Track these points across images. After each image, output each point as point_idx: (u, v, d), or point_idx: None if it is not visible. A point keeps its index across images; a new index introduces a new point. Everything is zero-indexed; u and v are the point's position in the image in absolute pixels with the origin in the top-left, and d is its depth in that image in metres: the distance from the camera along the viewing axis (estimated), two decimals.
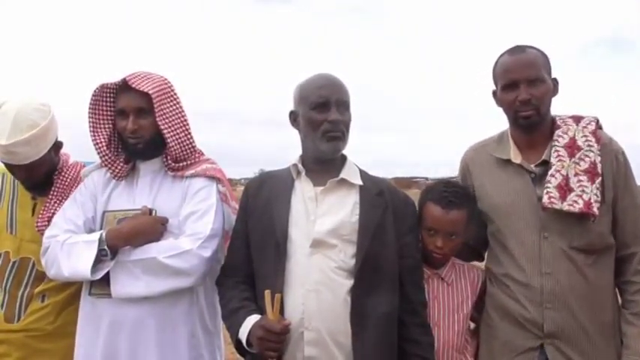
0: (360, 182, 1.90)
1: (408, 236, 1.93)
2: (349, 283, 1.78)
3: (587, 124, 1.99)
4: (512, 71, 1.97)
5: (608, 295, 1.97)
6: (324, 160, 1.91)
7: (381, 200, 1.90)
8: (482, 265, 2.21)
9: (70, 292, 2.16)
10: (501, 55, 2.04)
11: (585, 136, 1.96)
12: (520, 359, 1.96)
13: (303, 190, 1.89)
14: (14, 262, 2.17)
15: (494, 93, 2.08)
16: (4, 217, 2.21)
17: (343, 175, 1.90)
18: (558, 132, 1.99)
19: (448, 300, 2.06)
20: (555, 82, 2.01)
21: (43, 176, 2.20)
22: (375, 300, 1.80)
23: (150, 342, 1.98)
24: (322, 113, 1.87)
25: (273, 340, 1.70)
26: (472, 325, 2.17)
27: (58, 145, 2.24)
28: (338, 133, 1.88)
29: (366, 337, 1.77)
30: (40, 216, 2.16)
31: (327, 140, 1.87)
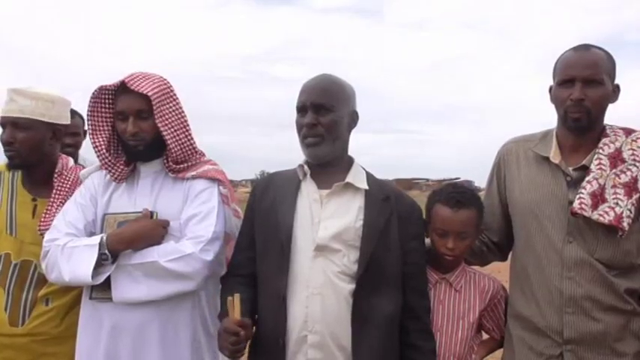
0: (366, 186, 1.88)
1: (413, 242, 1.91)
2: (351, 287, 1.77)
3: (638, 138, 1.92)
4: (571, 67, 1.89)
5: (630, 304, 1.89)
6: (324, 162, 1.89)
7: (387, 206, 1.87)
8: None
9: (74, 294, 2.14)
10: (565, 52, 1.97)
11: (633, 149, 1.89)
12: None
13: (309, 192, 1.88)
14: (16, 265, 2.15)
15: (550, 88, 2.00)
16: (4, 218, 2.20)
17: (349, 178, 1.87)
18: (605, 140, 1.91)
19: (454, 306, 2.03)
20: (617, 88, 1.94)
21: (37, 156, 2.19)
22: (377, 304, 1.79)
23: (152, 346, 1.96)
24: (301, 117, 1.88)
25: (224, 338, 1.70)
26: (485, 336, 2.14)
27: (56, 132, 2.25)
28: (313, 138, 1.85)
29: (366, 340, 1.76)
30: (43, 219, 2.15)
31: (305, 146, 1.88)
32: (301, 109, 1.88)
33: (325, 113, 1.85)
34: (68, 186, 2.22)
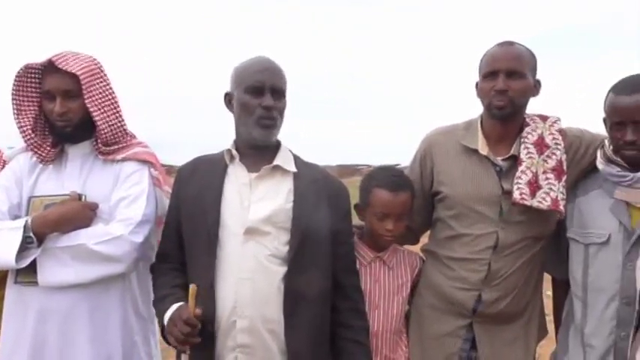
0: (294, 169, 1.89)
1: (342, 223, 1.94)
2: (283, 270, 1.78)
3: (554, 122, 2.05)
4: (496, 61, 1.99)
5: (539, 276, 2.11)
6: (257, 145, 1.88)
7: (316, 187, 1.89)
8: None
9: None
10: (490, 48, 2.06)
11: (552, 134, 2.02)
12: (448, 339, 2.05)
13: (237, 176, 1.86)
14: None
15: (477, 85, 2.09)
16: None
17: (277, 161, 1.87)
18: (527, 129, 2.03)
19: (388, 283, 2.11)
20: (538, 83, 2.04)
21: None
22: (309, 287, 1.80)
23: (81, 330, 1.94)
24: (256, 98, 1.84)
25: (181, 327, 1.66)
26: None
27: None
28: (271, 120, 1.85)
29: (298, 324, 1.77)
30: None
31: (260, 127, 1.85)
32: (258, 90, 1.83)
33: (280, 97, 1.86)
34: None
